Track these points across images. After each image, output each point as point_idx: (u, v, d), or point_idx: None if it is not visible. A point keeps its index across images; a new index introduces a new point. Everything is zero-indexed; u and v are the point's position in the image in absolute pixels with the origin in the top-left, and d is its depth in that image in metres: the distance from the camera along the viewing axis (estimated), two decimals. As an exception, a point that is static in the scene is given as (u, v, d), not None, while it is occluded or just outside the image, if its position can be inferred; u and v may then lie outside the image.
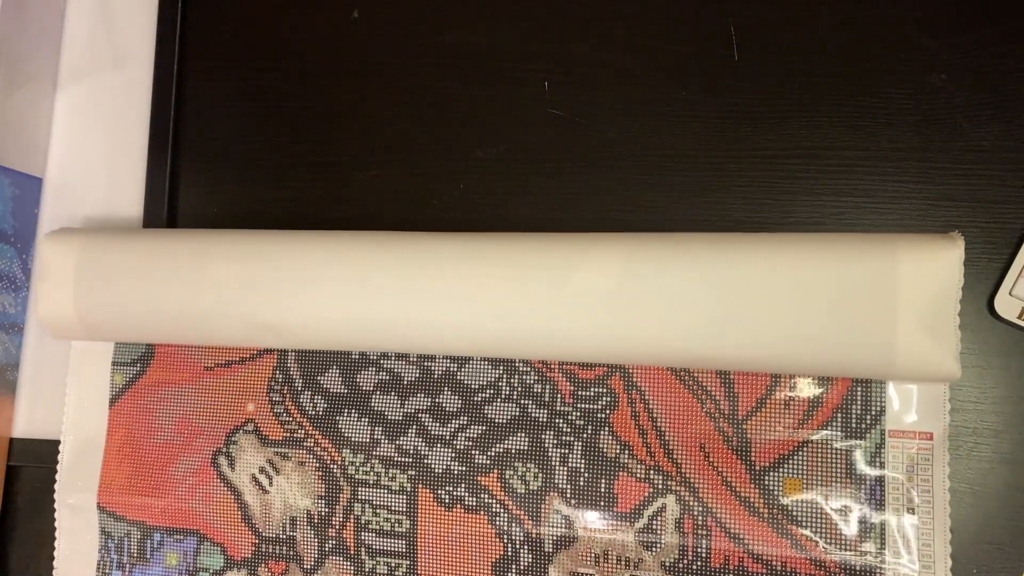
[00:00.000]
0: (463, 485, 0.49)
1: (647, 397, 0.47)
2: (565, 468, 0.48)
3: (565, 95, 0.52)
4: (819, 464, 0.45)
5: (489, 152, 0.53)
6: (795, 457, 0.45)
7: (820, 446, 0.45)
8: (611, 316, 0.44)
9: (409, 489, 0.50)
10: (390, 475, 0.50)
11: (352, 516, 0.51)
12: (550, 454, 0.48)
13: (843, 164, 0.48)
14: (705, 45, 0.50)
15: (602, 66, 0.52)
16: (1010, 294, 0.45)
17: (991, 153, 0.46)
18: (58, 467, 0.55)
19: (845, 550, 0.44)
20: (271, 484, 0.52)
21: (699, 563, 0.45)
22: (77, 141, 0.59)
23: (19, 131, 0.57)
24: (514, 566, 0.48)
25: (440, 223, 0.53)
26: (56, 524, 0.55)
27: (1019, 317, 0.44)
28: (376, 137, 0.55)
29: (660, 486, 0.46)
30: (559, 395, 0.48)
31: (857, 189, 0.48)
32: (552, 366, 0.49)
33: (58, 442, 0.56)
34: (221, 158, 0.57)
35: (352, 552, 0.50)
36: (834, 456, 0.45)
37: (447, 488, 0.49)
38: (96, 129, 0.59)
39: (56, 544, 0.55)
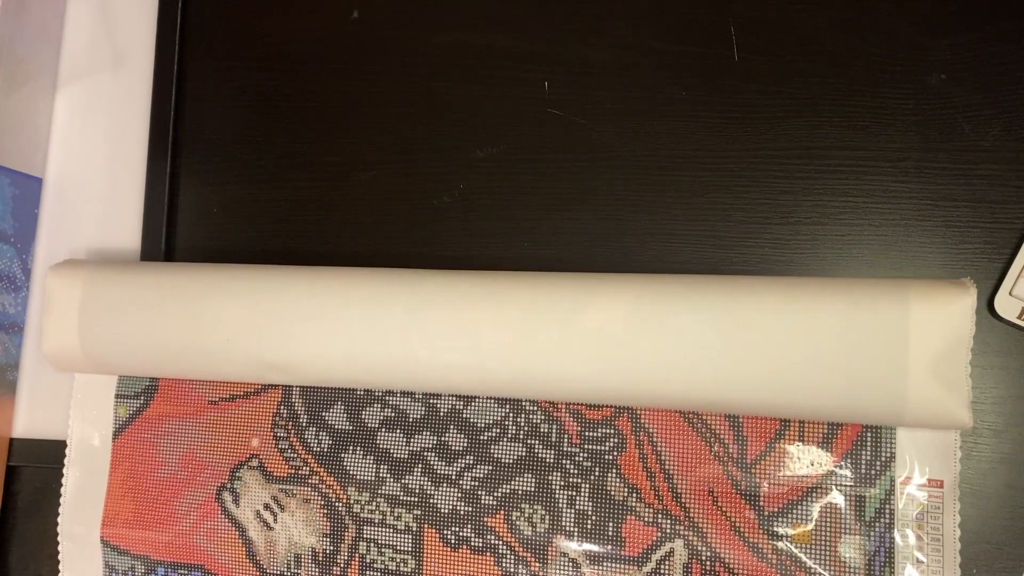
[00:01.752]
0: (469, 525, 0.49)
1: (655, 439, 0.47)
2: (572, 510, 0.47)
3: (565, 95, 0.52)
4: (828, 510, 0.44)
5: (489, 152, 0.53)
6: (804, 502, 0.45)
7: (829, 492, 0.44)
8: (618, 359, 0.44)
9: (415, 529, 0.49)
10: (396, 514, 0.50)
11: (357, 555, 0.50)
12: (557, 495, 0.48)
13: (843, 164, 0.48)
14: (705, 45, 0.50)
15: (602, 66, 0.52)
16: (1010, 294, 0.45)
17: (991, 153, 0.46)
18: (61, 500, 0.55)
19: None
20: (276, 521, 0.51)
21: None
22: (77, 141, 0.59)
23: (19, 131, 0.57)
24: None
25: (440, 223, 0.53)
26: (60, 557, 0.55)
27: (1019, 317, 0.44)
28: (376, 137, 0.55)
29: (668, 530, 0.46)
30: (566, 435, 0.48)
31: (857, 189, 0.48)
32: (559, 406, 0.48)
33: (59, 442, 0.56)
34: (221, 158, 0.57)
35: None
36: (843, 502, 0.44)
37: (453, 528, 0.49)
38: (96, 129, 0.59)
39: None
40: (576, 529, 0.47)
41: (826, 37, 0.49)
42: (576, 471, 0.48)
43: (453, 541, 0.49)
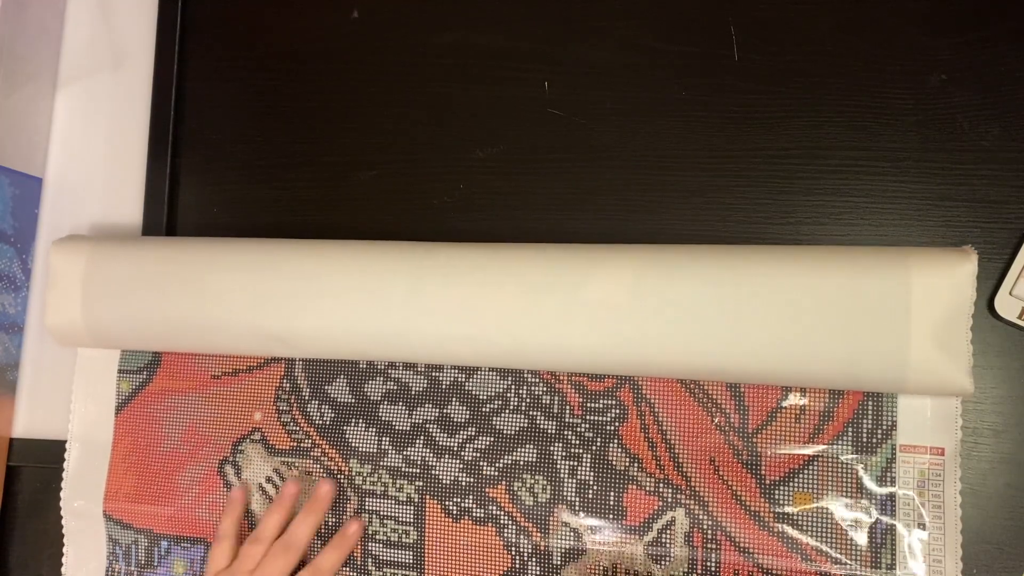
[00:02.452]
0: (471, 497, 0.49)
1: (657, 410, 0.47)
2: (574, 480, 0.47)
3: (565, 95, 0.52)
4: (829, 478, 0.44)
5: (489, 152, 0.53)
6: (805, 471, 0.45)
7: (831, 460, 0.45)
8: (621, 328, 0.44)
9: (417, 500, 0.50)
10: (397, 486, 0.50)
11: None
12: (559, 466, 0.48)
13: (843, 164, 0.48)
14: (705, 45, 0.50)
15: (602, 66, 0.52)
16: (1010, 294, 0.45)
17: (991, 153, 0.46)
18: (64, 475, 0.55)
19: (855, 565, 0.44)
20: (278, 493, 0.52)
21: None
22: (77, 141, 0.59)
23: (19, 131, 0.57)
24: None
25: (440, 223, 0.53)
26: (64, 531, 0.55)
27: (1019, 317, 0.44)
28: (376, 137, 0.55)
29: (669, 499, 0.46)
30: (568, 407, 0.48)
31: (857, 189, 0.48)
32: (561, 378, 0.49)
33: (59, 442, 0.56)
34: (221, 158, 0.57)
35: (359, 562, 0.50)
36: (845, 470, 0.44)
37: (455, 499, 0.49)
38: (96, 129, 0.59)
39: (64, 551, 0.55)
40: (578, 499, 0.47)
41: (826, 37, 0.49)
42: (578, 442, 0.48)
43: (455, 512, 0.49)
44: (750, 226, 0.49)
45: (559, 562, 0.47)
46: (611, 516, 0.47)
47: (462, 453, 0.49)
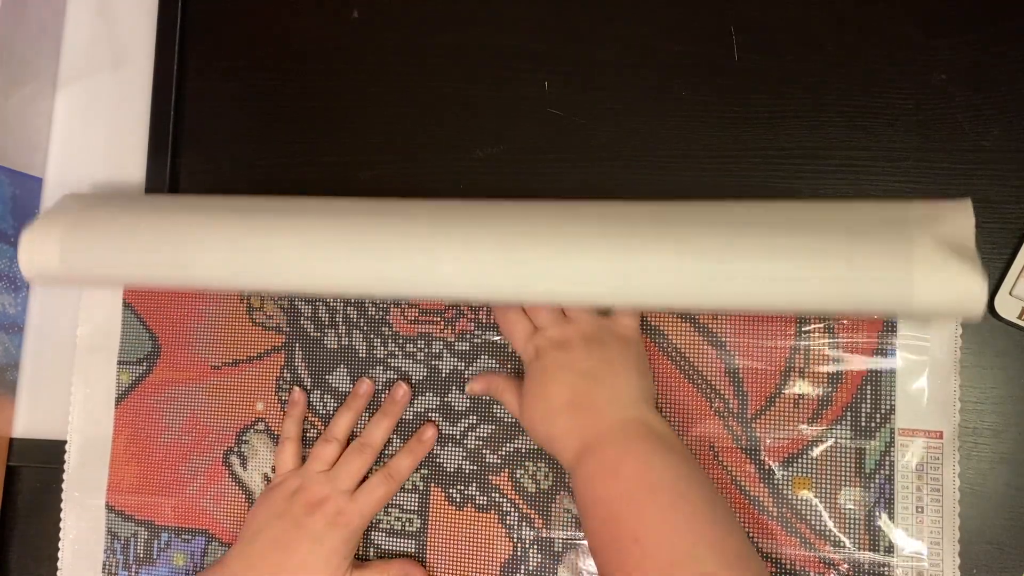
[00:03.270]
0: (474, 484, 0.49)
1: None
2: None
3: (565, 95, 0.52)
4: (828, 462, 0.45)
5: (489, 152, 0.53)
6: (804, 456, 0.45)
7: (830, 444, 0.45)
8: (618, 254, 0.42)
9: (421, 488, 0.50)
10: None
11: None
12: None
13: (843, 164, 0.48)
14: (705, 45, 0.50)
15: (602, 66, 0.52)
16: (1010, 294, 0.45)
17: (991, 153, 0.46)
18: (65, 467, 0.55)
19: (854, 548, 0.44)
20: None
21: None
22: (77, 141, 0.59)
23: (19, 131, 0.57)
24: (523, 566, 0.48)
25: (440, 223, 0.53)
26: (61, 524, 0.55)
27: (1019, 317, 0.44)
28: (376, 137, 0.55)
29: None
30: None
31: (857, 189, 0.48)
32: None
33: (59, 442, 0.56)
34: (221, 158, 0.57)
35: (361, 552, 0.50)
36: (843, 454, 0.45)
37: (458, 487, 0.50)
38: (96, 129, 0.59)
39: (60, 545, 0.55)
40: None
41: (826, 37, 0.49)
42: None
43: (458, 500, 0.50)
44: (750, 226, 0.49)
45: (560, 549, 0.48)
46: None
47: (464, 441, 0.50)
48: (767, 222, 0.42)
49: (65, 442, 0.56)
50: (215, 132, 0.58)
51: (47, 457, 0.57)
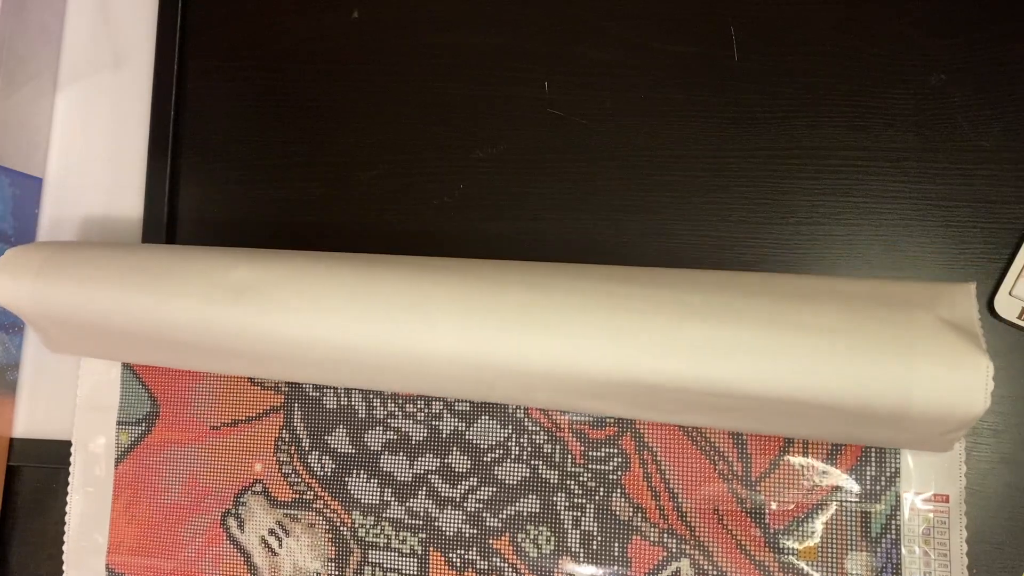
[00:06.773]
0: (474, 548, 0.49)
1: (659, 458, 0.47)
2: (578, 531, 0.47)
3: (565, 95, 0.52)
4: (834, 527, 0.44)
5: (489, 152, 0.53)
6: (810, 519, 0.44)
7: (835, 508, 0.44)
8: (612, 339, 0.40)
9: (420, 552, 0.49)
10: (400, 537, 0.50)
11: None
12: (562, 516, 0.47)
13: (843, 164, 0.48)
14: (705, 45, 0.50)
15: (602, 66, 0.52)
16: (1010, 294, 0.45)
17: (991, 153, 0.46)
18: (65, 528, 0.55)
19: None
20: (281, 546, 0.51)
21: None
22: (77, 141, 0.59)
23: (19, 131, 0.57)
24: None
25: (440, 223, 0.53)
26: None
27: (1019, 317, 0.44)
28: (376, 137, 0.55)
29: (674, 549, 0.46)
30: (570, 455, 0.48)
31: (857, 189, 0.48)
32: (562, 426, 0.48)
33: (59, 442, 0.56)
34: (221, 158, 0.57)
35: None
36: (849, 519, 0.44)
37: (458, 551, 0.49)
38: (96, 129, 0.59)
39: None
40: (582, 550, 0.47)
41: (826, 37, 0.49)
42: (580, 491, 0.47)
43: (459, 564, 0.49)
44: (750, 226, 0.49)
45: None
46: (616, 567, 0.46)
47: (464, 504, 0.49)
48: (770, 292, 0.40)
49: (65, 442, 0.56)
50: (215, 132, 0.58)
51: (47, 457, 0.57)
